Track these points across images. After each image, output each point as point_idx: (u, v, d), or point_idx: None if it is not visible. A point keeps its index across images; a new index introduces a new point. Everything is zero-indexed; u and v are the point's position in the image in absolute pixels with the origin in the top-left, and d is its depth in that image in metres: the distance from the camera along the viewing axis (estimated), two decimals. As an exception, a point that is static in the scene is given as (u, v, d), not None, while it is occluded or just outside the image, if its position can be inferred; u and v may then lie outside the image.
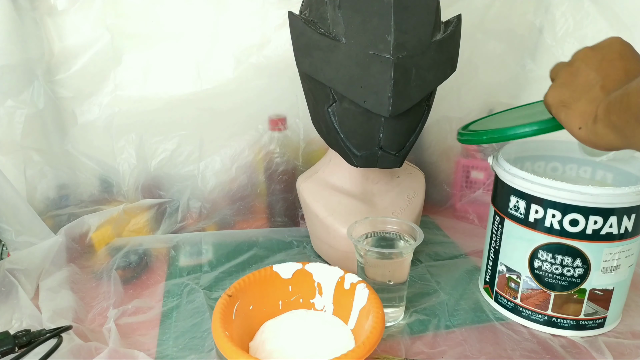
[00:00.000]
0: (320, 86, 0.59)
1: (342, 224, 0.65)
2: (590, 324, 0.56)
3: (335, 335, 0.52)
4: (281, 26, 0.77)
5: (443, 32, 0.59)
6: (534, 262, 0.56)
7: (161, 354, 0.54)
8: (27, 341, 0.51)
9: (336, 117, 0.60)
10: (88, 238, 0.75)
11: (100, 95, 0.76)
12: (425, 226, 0.84)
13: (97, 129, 0.77)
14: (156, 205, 0.81)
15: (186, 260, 0.74)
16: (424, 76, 0.56)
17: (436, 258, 0.75)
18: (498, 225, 0.59)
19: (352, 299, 0.53)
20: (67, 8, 0.72)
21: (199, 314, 0.61)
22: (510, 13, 0.82)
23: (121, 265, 0.71)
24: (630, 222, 0.52)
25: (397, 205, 0.70)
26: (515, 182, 0.55)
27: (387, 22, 0.53)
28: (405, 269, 0.58)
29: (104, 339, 0.55)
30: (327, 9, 0.56)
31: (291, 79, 0.71)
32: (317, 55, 0.57)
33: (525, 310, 0.58)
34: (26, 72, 0.71)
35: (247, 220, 0.84)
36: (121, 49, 0.75)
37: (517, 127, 0.51)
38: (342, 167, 0.68)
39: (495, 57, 0.83)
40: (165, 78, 0.78)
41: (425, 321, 0.60)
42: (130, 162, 0.79)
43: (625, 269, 0.55)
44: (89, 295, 0.65)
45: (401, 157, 0.62)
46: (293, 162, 0.83)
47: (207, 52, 0.77)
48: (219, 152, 0.81)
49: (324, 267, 0.56)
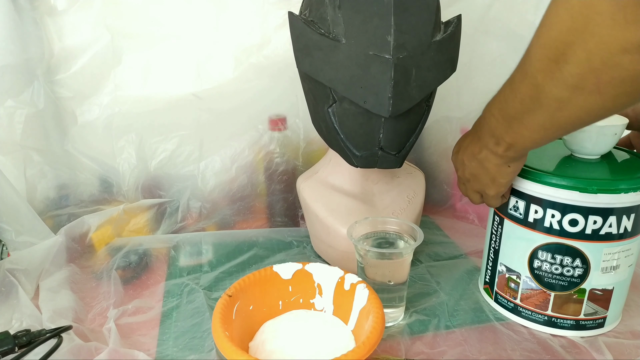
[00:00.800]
0: (320, 86, 0.59)
1: (342, 224, 0.65)
2: (590, 324, 0.56)
3: (335, 336, 0.52)
4: (281, 26, 0.77)
5: (443, 33, 0.59)
6: (534, 262, 0.56)
7: (161, 354, 0.54)
8: (27, 341, 0.51)
9: (336, 117, 0.60)
10: (88, 238, 0.75)
11: (100, 95, 0.76)
12: (425, 226, 0.84)
13: (97, 129, 0.77)
14: (156, 205, 0.81)
15: (186, 260, 0.74)
16: (424, 76, 0.56)
17: (436, 258, 0.75)
18: (498, 226, 0.59)
19: (352, 299, 0.53)
20: (67, 8, 0.72)
21: (199, 314, 0.61)
22: (510, 13, 0.82)
23: (121, 265, 0.71)
24: (630, 222, 0.52)
25: (397, 205, 0.70)
26: (515, 182, 0.55)
27: (387, 23, 0.53)
28: (405, 269, 0.58)
29: (104, 339, 0.55)
30: (327, 10, 0.56)
31: (291, 79, 0.71)
32: (317, 55, 0.57)
33: (525, 310, 0.58)
34: (26, 72, 0.71)
35: (247, 220, 0.85)
36: (121, 49, 0.75)
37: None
38: (342, 167, 0.68)
39: (496, 57, 0.83)
40: (165, 78, 0.78)
41: (425, 321, 0.60)
42: (130, 162, 0.79)
43: (624, 269, 0.55)
44: (89, 295, 0.65)
45: (401, 157, 0.62)
46: (293, 162, 0.83)
47: (207, 52, 0.77)
48: (219, 152, 0.81)
49: (324, 267, 0.56)
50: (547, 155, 0.59)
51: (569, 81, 0.38)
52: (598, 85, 0.37)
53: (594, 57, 0.35)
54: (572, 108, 0.40)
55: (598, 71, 0.36)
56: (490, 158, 0.51)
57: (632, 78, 0.35)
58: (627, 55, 0.34)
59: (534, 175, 0.53)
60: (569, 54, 0.37)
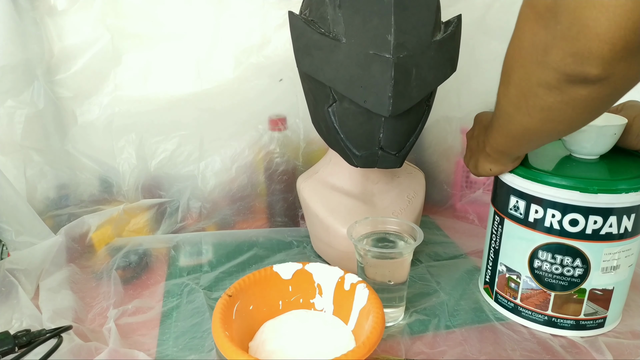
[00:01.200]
0: (320, 86, 0.59)
1: (342, 224, 0.65)
2: (590, 324, 0.56)
3: (336, 336, 0.52)
4: (281, 26, 0.77)
5: (443, 32, 0.59)
6: (534, 262, 0.56)
7: (161, 354, 0.54)
8: (27, 341, 0.51)
9: (336, 117, 0.60)
10: (88, 238, 0.75)
11: (100, 95, 0.76)
12: (425, 226, 0.84)
13: (97, 129, 0.77)
14: (156, 205, 0.81)
15: (186, 260, 0.74)
16: (424, 76, 0.56)
17: (436, 258, 0.75)
18: (498, 225, 0.59)
19: (352, 299, 0.53)
20: (67, 8, 0.72)
21: (199, 314, 0.61)
22: (510, 13, 0.81)
23: (121, 265, 0.71)
24: (630, 222, 0.52)
25: (397, 205, 0.70)
26: (515, 182, 0.55)
27: (387, 22, 0.53)
28: (405, 269, 0.58)
29: (104, 339, 0.55)
30: (327, 9, 0.56)
31: (291, 79, 0.71)
32: (317, 55, 0.57)
33: (525, 310, 0.58)
34: (26, 72, 0.71)
35: (247, 220, 0.85)
36: (121, 49, 0.75)
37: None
38: (342, 167, 0.68)
39: (496, 57, 0.83)
40: (165, 78, 0.78)
41: (425, 321, 0.60)
42: (130, 162, 0.79)
43: (625, 269, 0.55)
44: (89, 295, 0.65)
45: (401, 157, 0.62)
46: (293, 162, 0.83)
47: (207, 52, 0.77)
48: (219, 152, 0.81)
49: (324, 267, 0.56)
50: (547, 155, 0.59)
51: (512, 100, 0.44)
52: (527, 109, 0.43)
53: (522, 83, 0.42)
54: (516, 124, 0.46)
55: (525, 96, 0.42)
56: (481, 153, 0.57)
57: (550, 107, 0.41)
58: (541, 88, 0.40)
59: (535, 175, 0.53)
60: (512, 76, 0.43)
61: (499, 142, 0.52)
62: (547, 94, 0.40)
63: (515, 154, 0.54)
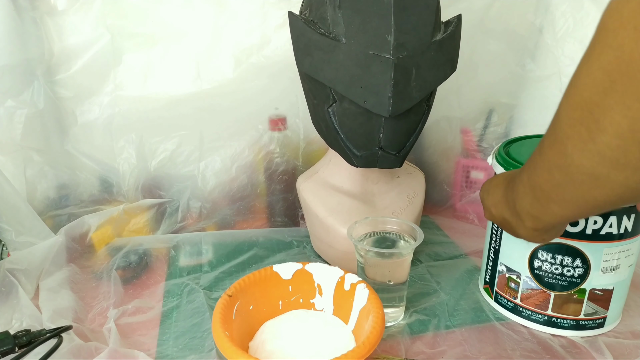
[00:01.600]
0: (320, 86, 0.59)
1: (342, 224, 0.65)
2: (590, 324, 0.56)
3: (336, 336, 0.52)
4: (281, 26, 0.77)
5: (443, 32, 0.59)
6: (534, 262, 0.56)
7: (161, 354, 0.54)
8: (27, 341, 0.51)
9: (336, 117, 0.60)
10: (88, 238, 0.75)
11: (100, 95, 0.76)
12: (425, 226, 0.84)
13: (97, 129, 0.77)
14: (156, 205, 0.81)
15: (186, 260, 0.74)
16: (424, 76, 0.56)
17: (436, 258, 0.75)
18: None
19: (352, 299, 0.53)
20: (67, 8, 0.71)
21: (199, 314, 0.61)
22: (510, 13, 0.82)
23: (121, 265, 0.71)
24: (630, 222, 0.52)
25: (397, 205, 0.70)
26: (515, 182, 0.55)
27: (387, 22, 0.53)
28: (405, 269, 0.58)
29: (104, 339, 0.55)
30: (327, 9, 0.56)
31: (291, 79, 0.71)
32: (317, 55, 0.57)
33: (525, 310, 0.58)
34: (26, 72, 0.71)
35: (247, 220, 0.84)
36: (121, 49, 0.75)
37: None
38: (342, 167, 0.68)
39: (495, 57, 0.83)
40: (165, 78, 0.78)
41: (425, 321, 0.60)
42: (130, 162, 0.79)
43: (625, 269, 0.55)
44: (89, 295, 0.65)
45: (401, 157, 0.62)
46: (293, 162, 0.83)
47: (207, 52, 0.77)
48: (219, 152, 0.81)
49: (324, 267, 0.56)
50: None
51: (605, 154, 0.30)
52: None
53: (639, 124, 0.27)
54: (612, 185, 0.31)
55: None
56: (521, 228, 0.45)
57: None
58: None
59: None
60: (603, 121, 0.29)
61: (558, 213, 0.38)
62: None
63: (575, 220, 0.43)
